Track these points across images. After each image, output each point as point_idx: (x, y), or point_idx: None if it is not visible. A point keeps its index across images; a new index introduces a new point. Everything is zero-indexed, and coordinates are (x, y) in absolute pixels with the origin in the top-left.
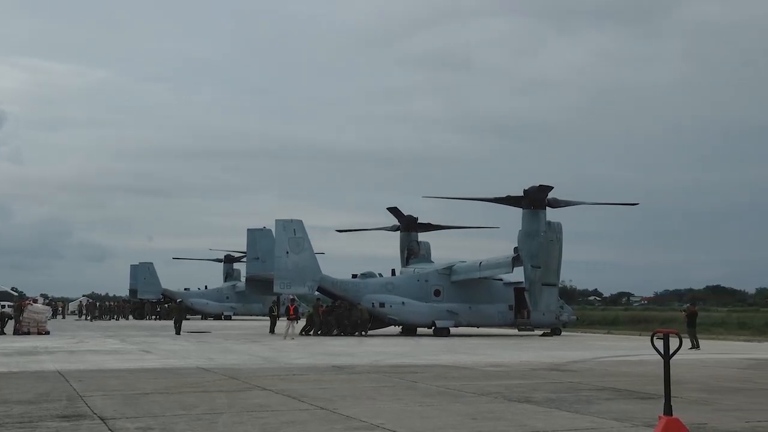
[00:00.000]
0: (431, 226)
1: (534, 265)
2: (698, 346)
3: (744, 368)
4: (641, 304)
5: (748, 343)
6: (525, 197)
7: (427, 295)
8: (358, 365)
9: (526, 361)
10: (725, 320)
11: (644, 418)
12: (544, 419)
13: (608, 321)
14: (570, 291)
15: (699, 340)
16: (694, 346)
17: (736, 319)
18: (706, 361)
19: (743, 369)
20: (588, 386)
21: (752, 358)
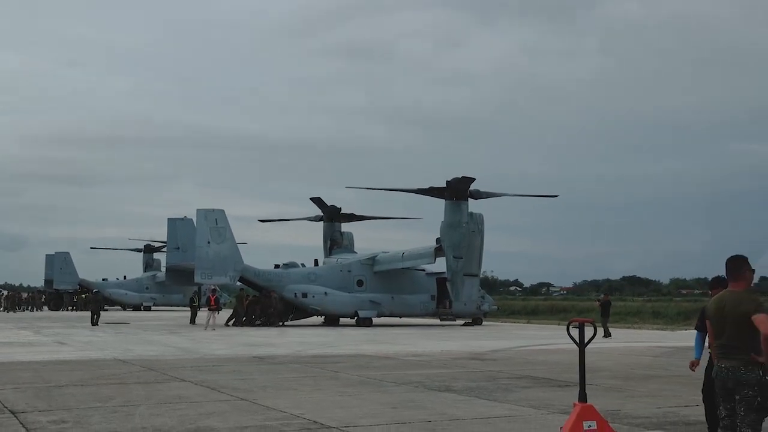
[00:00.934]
0: (354, 216)
1: (456, 256)
2: (609, 335)
3: (657, 356)
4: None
5: (661, 331)
6: (447, 188)
7: (349, 285)
8: (279, 355)
9: (447, 350)
10: (640, 309)
11: (560, 406)
12: (463, 408)
13: (528, 311)
14: (491, 281)
15: (610, 328)
16: (606, 334)
17: (651, 308)
18: (621, 349)
19: (656, 357)
20: (507, 375)
21: (665, 346)
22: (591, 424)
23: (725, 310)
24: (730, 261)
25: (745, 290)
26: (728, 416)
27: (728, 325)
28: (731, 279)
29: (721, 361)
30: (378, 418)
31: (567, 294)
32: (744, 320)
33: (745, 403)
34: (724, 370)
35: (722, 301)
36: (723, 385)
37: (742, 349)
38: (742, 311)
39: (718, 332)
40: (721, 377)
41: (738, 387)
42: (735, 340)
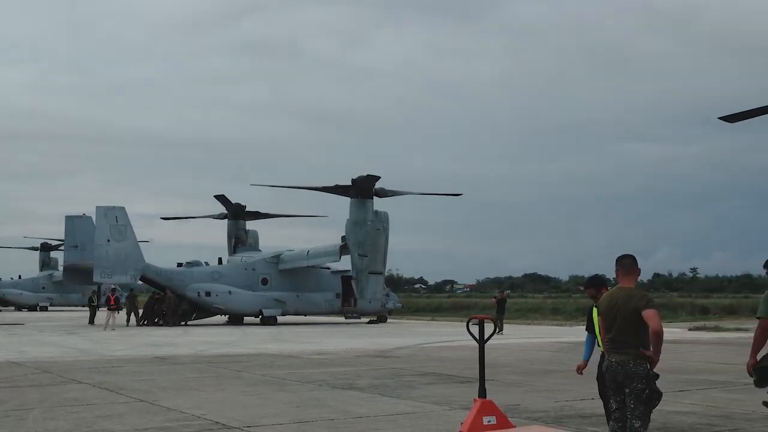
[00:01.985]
0: (259, 214)
1: (361, 254)
2: (501, 332)
3: (556, 351)
4: (464, 291)
5: (560, 327)
6: (353, 186)
7: (254, 283)
8: (181, 355)
9: (351, 348)
10: (540, 306)
11: (462, 401)
12: (367, 405)
13: (432, 308)
14: (396, 279)
15: (509, 325)
16: (500, 330)
17: (551, 305)
18: (522, 345)
19: (555, 352)
20: (410, 372)
21: (564, 341)
22: (490, 419)
23: (617, 306)
24: (621, 259)
25: (635, 287)
26: (618, 409)
27: (619, 321)
28: (622, 276)
29: (611, 356)
30: (281, 417)
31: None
32: (635, 315)
33: (635, 396)
34: (615, 364)
35: (614, 297)
36: (613, 379)
37: (632, 344)
38: (633, 307)
39: (609, 327)
40: (612, 371)
41: (627, 380)
42: (625, 335)
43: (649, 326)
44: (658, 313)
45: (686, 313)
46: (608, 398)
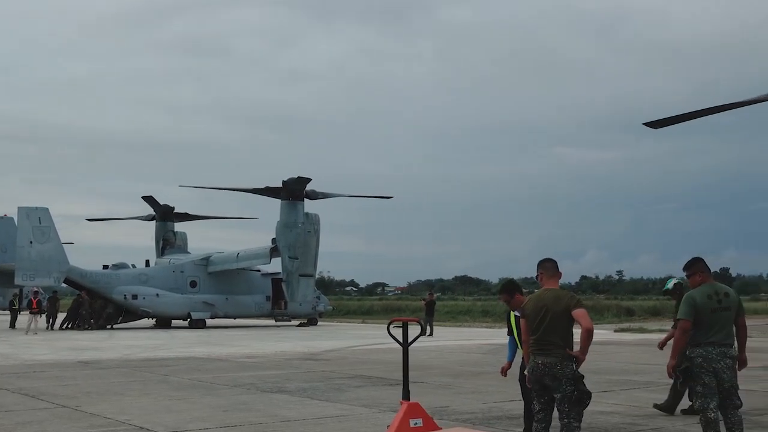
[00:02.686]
0: (188, 215)
1: (292, 256)
2: (432, 334)
3: (485, 353)
4: (395, 293)
5: (490, 329)
6: (284, 188)
7: (182, 286)
8: (106, 360)
9: (281, 351)
10: (471, 308)
11: (391, 404)
12: (296, 409)
13: (363, 310)
14: (327, 281)
15: (440, 327)
16: (430, 333)
17: (481, 307)
18: (451, 347)
19: (484, 354)
20: (340, 374)
21: (493, 343)
22: (417, 422)
23: (546, 307)
24: (544, 262)
25: (560, 288)
26: (542, 410)
27: (547, 322)
28: (546, 279)
29: (537, 357)
30: (208, 421)
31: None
32: (565, 316)
33: (567, 398)
34: (541, 366)
35: (542, 298)
36: (538, 381)
37: (559, 345)
38: (563, 307)
39: (536, 329)
40: (538, 373)
41: (555, 383)
42: (552, 336)
43: (582, 325)
44: (587, 313)
45: (612, 315)
46: (531, 399)
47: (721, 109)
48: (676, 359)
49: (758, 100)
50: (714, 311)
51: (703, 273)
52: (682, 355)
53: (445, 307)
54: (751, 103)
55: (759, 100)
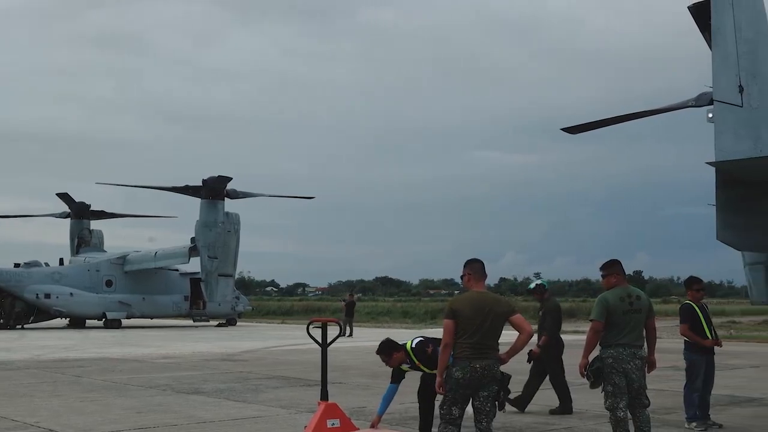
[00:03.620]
0: (105, 213)
1: (211, 256)
2: (351, 335)
3: None
4: (315, 294)
5: (410, 330)
6: (203, 187)
7: (97, 285)
8: (15, 360)
9: (198, 352)
10: (391, 309)
11: (309, 405)
12: (212, 410)
13: (283, 311)
14: (247, 282)
15: (361, 327)
16: (350, 333)
17: (401, 308)
18: (371, 348)
19: None
20: (258, 375)
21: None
22: (334, 422)
23: (487, 311)
24: (476, 263)
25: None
26: (460, 416)
27: (488, 324)
28: (476, 280)
29: (473, 362)
30: (120, 423)
31: (322, 294)
32: (503, 320)
33: (491, 398)
34: (479, 369)
35: (481, 301)
36: (472, 386)
37: (495, 348)
38: (504, 311)
39: (474, 332)
40: (475, 377)
41: (488, 384)
42: (491, 340)
43: (524, 329)
44: None
45: (529, 317)
46: (450, 405)
47: (636, 117)
48: (587, 358)
49: (671, 109)
50: (626, 313)
51: (618, 275)
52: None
53: (366, 308)
54: (664, 111)
55: (671, 109)
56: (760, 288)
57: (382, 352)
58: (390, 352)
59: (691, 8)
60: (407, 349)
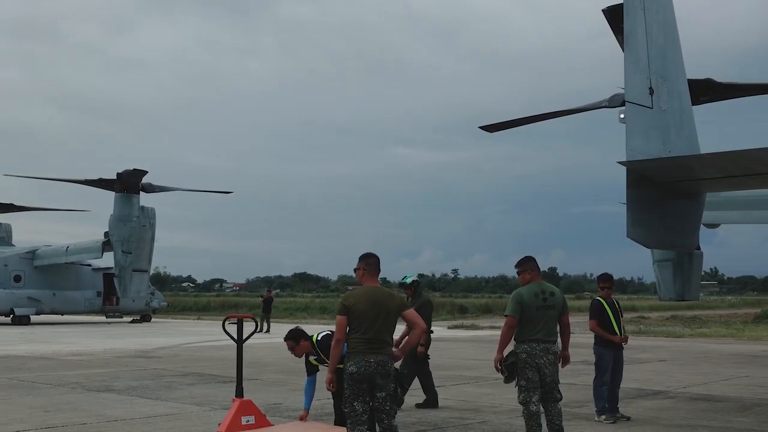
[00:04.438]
0: (13, 206)
1: (125, 251)
2: (269, 330)
3: None
4: (233, 290)
5: (328, 325)
6: (118, 181)
7: (5, 280)
8: None
9: (110, 349)
10: (309, 305)
11: (224, 402)
12: (123, 408)
13: (200, 307)
14: (163, 277)
15: (279, 323)
16: (267, 330)
17: (319, 304)
18: None
19: None
20: (172, 372)
21: None
22: (249, 419)
23: (381, 307)
24: (371, 257)
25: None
26: (365, 412)
27: (382, 320)
28: (371, 275)
29: (368, 356)
30: (27, 423)
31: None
32: (396, 315)
33: (390, 396)
34: (374, 364)
35: (376, 297)
36: (368, 380)
37: (390, 343)
38: (397, 306)
39: (368, 327)
40: (370, 372)
41: (384, 381)
42: (385, 335)
43: (418, 325)
44: None
45: (446, 312)
46: (350, 401)
47: (552, 116)
48: (502, 353)
49: (585, 109)
50: (539, 309)
51: (533, 271)
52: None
53: (284, 303)
54: (578, 111)
55: (586, 109)
56: (668, 285)
57: (290, 339)
58: (298, 339)
59: (605, 11)
60: (313, 341)
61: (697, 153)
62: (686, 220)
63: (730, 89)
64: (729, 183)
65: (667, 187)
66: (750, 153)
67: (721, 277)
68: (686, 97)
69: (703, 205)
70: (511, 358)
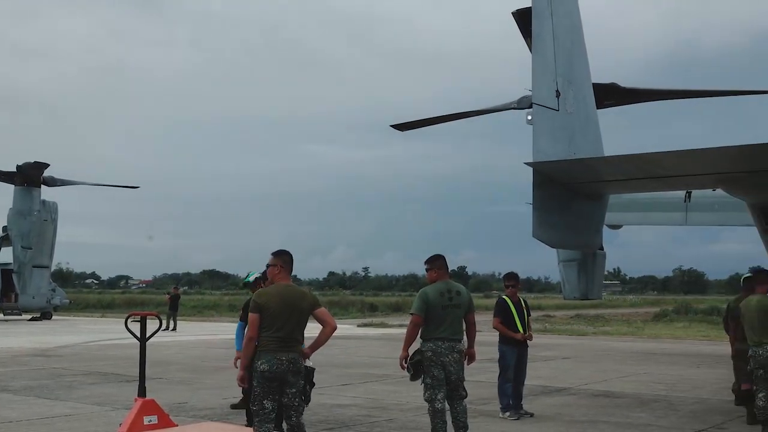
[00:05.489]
0: None
1: (25, 246)
2: (175, 329)
3: (228, 348)
4: (139, 287)
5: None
6: (18, 173)
7: None
8: None
9: (8, 347)
10: (218, 303)
11: (126, 401)
12: (20, 408)
13: (104, 304)
14: (65, 274)
15: (185, 321)
16: (173, 328)
17: (228, 301)
18: (195, 342)
19: (227, 349)
20: (72, 371)
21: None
22: (152, 419)
23: (294, 305)
24: (285, 254)
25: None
26: (273, 410)
27: (294, 318)
28: (285, 273)
29: (280, 354)
30: None
31: (146, 287)
32: (308, 313)
33: (299, 393)
34: (285, 362)
35: (285, 295)
36: (279, 378)
37: (300, 341)
38: (309, 304)
39: (281, 325)
40: (281, 370)
41: (295, 378)
42: (298, 333)
43: (328, 323)
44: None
45: (356, 310)
46: (262, 399)
47: (463, 116)
48: (407, 351)
49: (495, 110)
50: (444, 308)
51: (440, 270)
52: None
53: (192, 301)
54: (489, 112)
55: (496, 110)
56: (573, 284)
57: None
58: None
59: (515, 14)
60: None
61: (601, 155)
62: (590, 220)
63: (633, 94)
64: (630, 185)
65: (571, 189)
66: (650, 156)
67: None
68: (591, 101)
69: (606, 206)
70: (416, 356)
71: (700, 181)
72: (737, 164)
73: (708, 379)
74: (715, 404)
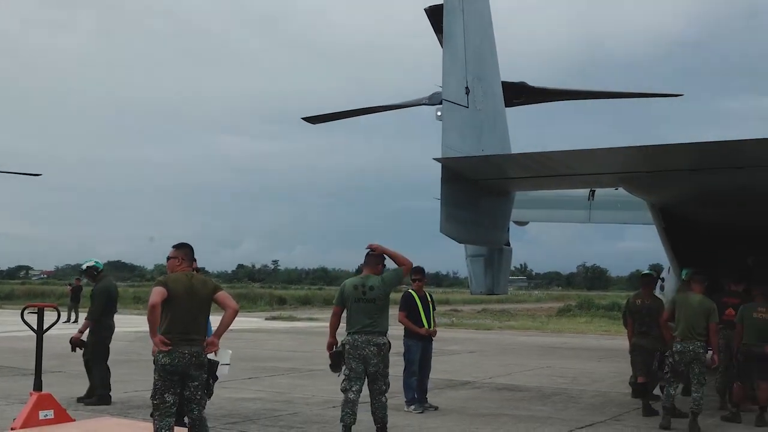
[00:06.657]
0: None
1: None
2: (77, 321)
3: (131, 341)
4: (40, 277)
5: (141, 316)
6: None
7: None
8: None
9: None
10: (122, 294)
11: (22, 396)
12: None
13: (2, 295)
14: None
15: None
16: (75, 320)
17: (133, 293)
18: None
19: (131, 342)
20: None
21: (141, 330)
22: (48, 413)
23: (193, 293)
24: (183, 247)
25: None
26: (174, 404)
27: (196, 309)
28: (187, 265)
29: (182, 347)
30: None
31: (48, 278)
32: (209, 301)
33: (201, 385)
34: (187, 356)
35: (190, 283)
36: (181, 371)
37: (203, 334)
38: (210, 291)
39: (183, 318)
40: (183, 364)
41: (198, 371)
42: (199, 324)
43: (229, 306)
44: None
45: (265, 303)
46: (163, 393)
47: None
48: (334, 337)
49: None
50: (358, 301)
51: (368, 266)
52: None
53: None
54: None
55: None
56: (479, 279)
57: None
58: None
59: (427, 10)
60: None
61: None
62: (496, 217)
63: (542, 93)
64: (535, 183)
65: (479, 185)
66: (554, 155)
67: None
68: (500, 99)
69: (512, 203)
70: (339, 348)
71: (603, 180)
72: (638, 164)
73: (607, 373)
74: (614, 397)
